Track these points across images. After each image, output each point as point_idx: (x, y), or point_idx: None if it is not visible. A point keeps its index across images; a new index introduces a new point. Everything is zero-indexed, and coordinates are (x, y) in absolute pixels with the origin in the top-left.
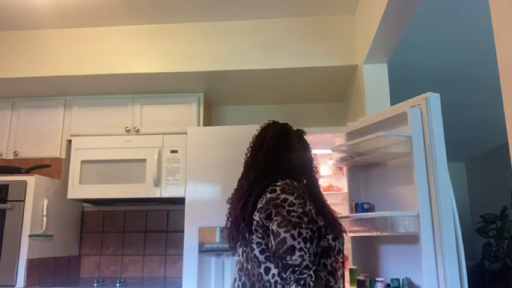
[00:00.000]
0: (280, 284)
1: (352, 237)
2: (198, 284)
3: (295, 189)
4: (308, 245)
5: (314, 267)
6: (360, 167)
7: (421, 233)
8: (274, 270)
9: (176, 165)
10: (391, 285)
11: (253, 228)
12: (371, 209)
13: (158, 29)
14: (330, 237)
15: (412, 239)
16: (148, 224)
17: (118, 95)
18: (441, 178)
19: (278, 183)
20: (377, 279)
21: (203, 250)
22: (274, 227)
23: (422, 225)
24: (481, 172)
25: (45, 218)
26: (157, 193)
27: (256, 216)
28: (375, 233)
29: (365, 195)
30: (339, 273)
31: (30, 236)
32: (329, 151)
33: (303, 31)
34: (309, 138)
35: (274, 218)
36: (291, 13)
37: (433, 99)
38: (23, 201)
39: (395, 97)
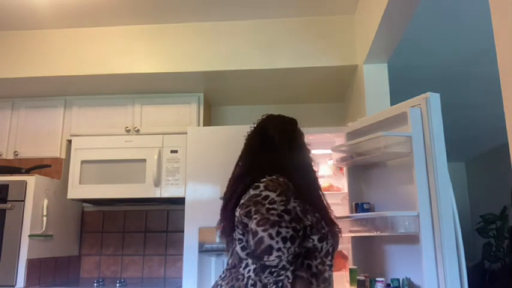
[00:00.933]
0: (252, 279)
1: (352, 237)
2: (198, 284)
3: (279, 186)
4: (288, 244)
5: (292, 268)
6: (360, 167)
7: (421, 233)
8: (251, 266)
9: (176, 165)
10: (391, 285)
11: (235, 224)
12: (371, 209)
13: (158, 29)
14: (315, 237)
15: (412, 239)
16: (148, 224)
17: (118, 95)
18: (441, 178)
19: (263, 180)
20: (377, 279)
21: (203, 250)
22: (253, 225)
23: (422, 225)
24: (481, 172)
25: (45, 218)
26: (157, 193)
27: (237, 212)
28: (375, 233)
29: (365, 195)
30: (324, 276)
31: (30, 236)
32: (329, 151)
33: (303, 31)
34: (308, 138)
35: (254, 216)
36: (291, 13)
37: (433, 99)
38: (23, 201)
39: (396, 97)
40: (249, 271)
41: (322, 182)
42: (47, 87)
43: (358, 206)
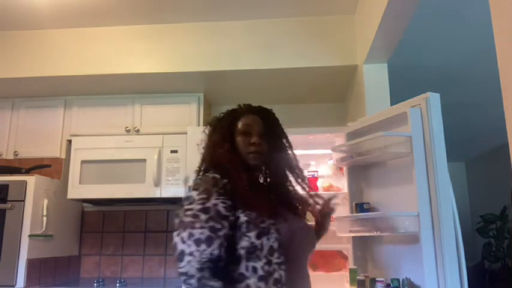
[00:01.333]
0: None
1: (352, 237)
2: None
3: (203, 184)
4: (202, 247)
5: (199, 275)
6: (360, 167)
7: (421, 233)
8: None
9: (176, 165)
10: (391, 285)
11: None
12: (371, 209)
13: (158, 29)
14: (252, 234)
15: (412, 239)
16: (148, 224)
17: (118, 95)
18: (441, 178)
19: (196, 179)
20: (377, 279)
21: None
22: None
23: (422, 225)
24: (481, 172)
25: (45, 218)
26: (157, 193)
27: None
28: (374, 233)
29: (365, 195)
30: (275, 277)
31: (30, 236)
32: (329, 151)
33: (303, 31)
34: (308, 138)
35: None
36: (291, 13)
37: (433, 99)
38: (23, 201)
39: (396, 97)
40: None
41: (322, 182)
42: (47, 87)
43: (358, 206)
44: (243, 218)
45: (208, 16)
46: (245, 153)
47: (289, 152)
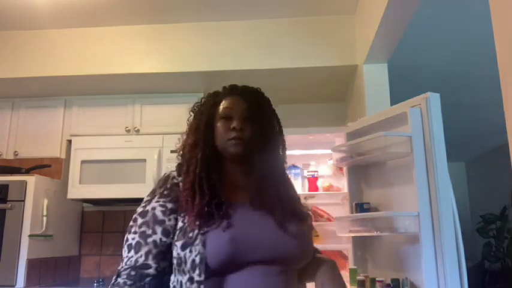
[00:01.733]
0: None
1: (352, 237)
2: None
3: (157, 183)
4: (131, 253)
5: (113, 281)
6: (360, 167)
7: (421, 233)
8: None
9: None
10: (391, 285)
11: None
12: (371, 209)
13: (158, 29)
14: (178, 244)
15: (412, 239)
16: None
17: (118, 95)
18: (441, 178)
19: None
20: (377, 279)
21: None
22: None
23: (422, 225)
24: (481, 172)
25: (45, 218)
26: None
27: None
28: (375, 233)
29: (365, 195)
30: None
31: (30, 236)
32: (329, 151)
33: (303, 31)
34: (308, 138)
35: None
36: (291, 13)
37: (433, 99)
38: (23, 201)
39: (396, 97)
40: None
41: (322, 182)
42: (47, 87)
43: (358, 206)
44: (179, 224)
45: (208, 16)
46: (225, 140)
47: (278, 142)
